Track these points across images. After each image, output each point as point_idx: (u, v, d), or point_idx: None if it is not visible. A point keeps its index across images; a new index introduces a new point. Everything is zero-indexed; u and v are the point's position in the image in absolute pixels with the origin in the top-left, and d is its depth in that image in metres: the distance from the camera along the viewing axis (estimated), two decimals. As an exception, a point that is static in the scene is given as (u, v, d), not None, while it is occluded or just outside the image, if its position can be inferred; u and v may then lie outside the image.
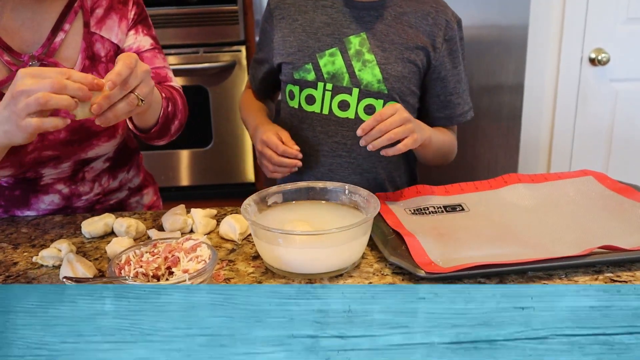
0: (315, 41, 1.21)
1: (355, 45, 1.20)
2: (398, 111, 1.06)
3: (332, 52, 1.21)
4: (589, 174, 1.16)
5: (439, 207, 1.08)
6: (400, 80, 1.20)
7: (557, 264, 0.87)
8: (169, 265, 0.85)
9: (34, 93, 0.81)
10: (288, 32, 1.24)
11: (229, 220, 1.03)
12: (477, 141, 2.18)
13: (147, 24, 1.20)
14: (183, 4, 2.27)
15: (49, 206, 1.17)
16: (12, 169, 1.07)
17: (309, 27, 1.23)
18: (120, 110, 0.87)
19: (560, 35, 2.16)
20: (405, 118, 1.06)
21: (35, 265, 0.97)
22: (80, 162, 1.14)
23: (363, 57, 1.20)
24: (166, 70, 1.19)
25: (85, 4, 1.11)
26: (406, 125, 1.06)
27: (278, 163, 1.15)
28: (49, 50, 1.08)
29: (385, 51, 1.20)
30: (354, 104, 1.21)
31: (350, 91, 1.20)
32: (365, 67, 1.20)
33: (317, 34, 1.22)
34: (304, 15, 1.24)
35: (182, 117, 1.16)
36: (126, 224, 1.04)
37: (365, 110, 1.21)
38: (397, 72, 1.20)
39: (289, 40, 1.23)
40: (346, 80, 1.20)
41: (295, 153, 1.14)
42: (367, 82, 1.20)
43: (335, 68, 1.20)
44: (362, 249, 0.93)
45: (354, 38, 1.21)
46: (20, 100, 0.81)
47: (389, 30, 1.21)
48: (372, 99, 1.21)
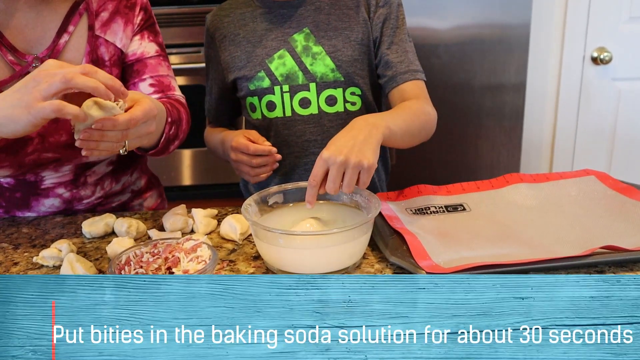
0: (261, 48, 1.22)
1: (301, 42, 1.21)
2: (328, 160, 0.92)
3: (280, 54, 1.22)
4: (591, 174, 1.15)
5: (441, 207, 1.08)
6: (353, 64, 1.21)
7: (559, 264, 0.87)
8: (169, 266, 0.85)
9: (60, 74, 0.80)
10: (234, 49, 1.24)
11: (230, 220, 1.03)
12: (480, 140, 2.17)
13: (154, 31, 1.18)
14: (184, 3, 2.27)
15: (49, 209, 1.16)
16: (12, 170, 1.07)
17: (252, 36, 1.23)
18: (103, 147, 0.87)
19: (562, 34, 2.16)
20: (341, 162, 0.91)
21: (36, 265, 0.97)
22: (82, 165, 1.14)
23: (311, 51, 1.21)
24: (170, 79, 1.18)
25: (91, 7, 1.10)
26: (348, 167, 0.91)
27: (255, 164, 1.14)
28: (53, 52, 1.07)
29: (332, 39, 1.21)
30: (314, 99, 1.22)
31: (307, 87, 1.21)
32: (316, 60, 1.21)
33: (261, 41, 1.23)
34: (245, 27, 1.25)
35: (184, 136, 1.14)
36: (127, 224, 1.04)
37: (327, 102, 1.22)
38: (348, 57, 1.21)
39: (236, 55, 1.24)
40: (301, 78, 1.21)
41: (267, 149, 1.13)
42: (322, 74, 1.21)
43: (287, 69, 1.21)
44: (363, 249, 0.93)
45: (297, 35, 1.22)
46: (43, 80, 0.80)
47: (329, 18, 1.22)
48: (331, 89, 1.22)
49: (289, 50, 1.22)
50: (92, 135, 0.84)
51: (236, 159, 1.16)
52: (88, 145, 0.86)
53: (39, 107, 0.79)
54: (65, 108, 0.80)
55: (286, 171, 1.26)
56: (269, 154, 1.13)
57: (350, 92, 1.23)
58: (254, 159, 1.14)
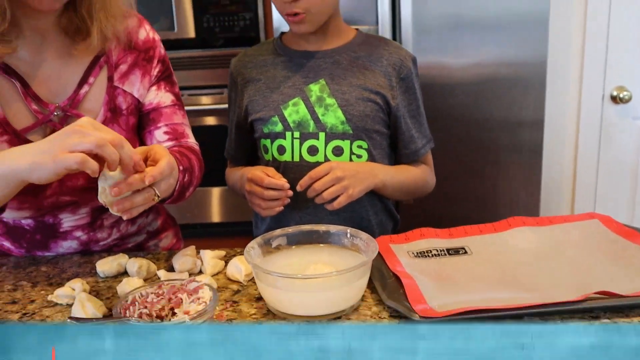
0: (278, 94, 1.29)
1: (315, 92, 1.27)
2: (332, 170, 1.17)
3: (294, 101, 1.27)
4: (595, 217, 1.16)
5: (442, 250, 1.09)
6: (363, 119, 1.26)
7: (553, 309, 0.88)
8: (172, 307, 0.89)
9: (93, 136, 0.86)
10: (253, 92, 1.31)
11: (235, 262, 1.07)
12: (498, 178, 2.18)
13: (170, 81, 1.25)
14: (208, 47, 2.36)
15: (67, 250, 1.22)
16: (31, 211, 1.13)
17: (272, 83, 1.30)
18: (138, 201, 0.93)
19: (580, 73, 2.17)
20: (338, 177, 1.17)
21: (50, 303, 1.01)
22: (98, 208, 1.19)
23: (324, 102, 1.26)
24: (184, 127, 1.24)
25: (111, 60, 1.17)
26: (340, 184, 1.17)
27: (267, 197, 1.19)
28: (73, 102, 1.13)
29: (345, 94, 1.26)
30: (322, 148, 1.27)
31: (317, 136, 1.26)
32: (327, 111, 1.26)
33: (279, 88, 1.29)
34: (266, 73, 1.32)
35: (197, 182, 1.19)
36: (137, 264, 1.08)
37: (333, 152, 1.27)
38: (358, 112, 1.26)
39: (255, 99, 1.31)
40: (312, 126, 1.26)
41: (281, 183, 1.18)
42: (332, 125, 1.26)
43: (300, 116, 1.27)
44: (361, 292, 0.95)
45: (313, 86, 1.28)
46: (75, 136, 0.86)
47: (346, 73, 1.28)
48: (339, 140, 1.26)
49: (303, 98, 1.27)
50: (122, 191, 0.90)
51: (250, 190, 1.21)
52: (124, 208, 0.92)
53: (63, 157, 0.85)
54: (88, 163, 0.85)
55: (291, 214, 1.30)
56: (281, 188, 1.18)
57: (357, 145, 1.28)
58: (267, 192, 1.18)
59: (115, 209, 0.92)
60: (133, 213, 0.94)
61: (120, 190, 0.90)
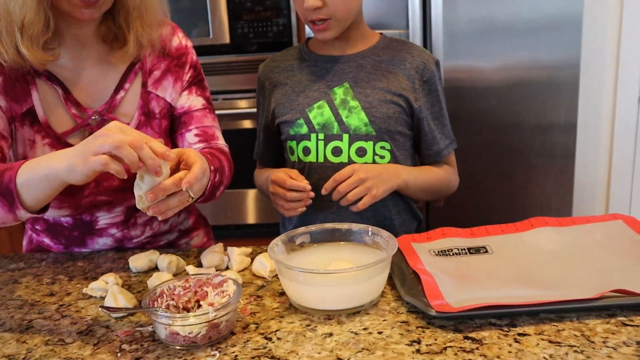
0: (303, 97, 1.32)
1: (340, 95, 1.30)
2: (355, 172, 1.20)
3: (319, 104, 1.31)
4: (619, 218, 1.15)
5: (463, 249, 1.11)
6: (386, 121, 1.29)
7: (570, 307, 0.89)
8: (197, 299, 0.93)
9: (112, 138, 0.89)
10: (280, 96, 1.35)
11: (261, 258, 1.11)
12: (530, 182, 2.16)
13: (201, 86, 1.30)
14: (243, 53, 2.42)
15: (102, 247, 1.28)
16: (70, 210, 1.19)
17: (298, 86, 1.34)
18: (173, 204, 0.96)
19: (615, 75, 2.14)
20: (361, 179, 1.20)
21: (85, 295, 1.07)
22: (132, 207, 1.24)
23: (348, 105, 1.29)
24: (214, 129, 1.28)
25: (145, 67, 1.23)
26: (363, 185, 1.20)
27: (289, 198, 1.22)
28: (110, 106, 1.19)
29: (368, 96, 1.29)
30: (345, 149, 1.30)
31: (340, 137, 1.29)
32: (351, 114, 1.29)
33: (305, 91, 1.33)
34: (292, 77, 1.36)
35: (228, 182, 1.22)
36: (168, 260, 1.13)
37: (357, 153, 1.30)
38: (381, 114, 1.28)
39: (282, 102, 1.35)
40: (336, 128, 1.29)
41: (303, 185, 1.21)
42: (355, 127, 1.29)
43: (325, 118, 1.30)
44: (380, 288, 0.98)
45: (337, 89, 1.31)
46: (100, 139, 0.89)
47: (370, 77, 1.31)
48: (362, 141, 1.29)
49: (328, 101, 1.31)
50: (158, 196, 0.93)
51: (273, 191, 1.25)
52: (160, 210, 0.95)
53: (90, 160, 0.89)
54: (110, 164, 0.88)
55: (316, 213, 1.33)
56: (303, 190, 1.22)
57: (380, 146, 1.30)
58: (289, 193, 1.22)
59: (151, 212, 0.95)
60: (168, 214, 0.97)
61: (156, 196, 0.93)
